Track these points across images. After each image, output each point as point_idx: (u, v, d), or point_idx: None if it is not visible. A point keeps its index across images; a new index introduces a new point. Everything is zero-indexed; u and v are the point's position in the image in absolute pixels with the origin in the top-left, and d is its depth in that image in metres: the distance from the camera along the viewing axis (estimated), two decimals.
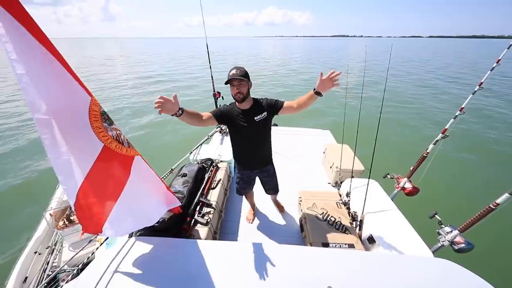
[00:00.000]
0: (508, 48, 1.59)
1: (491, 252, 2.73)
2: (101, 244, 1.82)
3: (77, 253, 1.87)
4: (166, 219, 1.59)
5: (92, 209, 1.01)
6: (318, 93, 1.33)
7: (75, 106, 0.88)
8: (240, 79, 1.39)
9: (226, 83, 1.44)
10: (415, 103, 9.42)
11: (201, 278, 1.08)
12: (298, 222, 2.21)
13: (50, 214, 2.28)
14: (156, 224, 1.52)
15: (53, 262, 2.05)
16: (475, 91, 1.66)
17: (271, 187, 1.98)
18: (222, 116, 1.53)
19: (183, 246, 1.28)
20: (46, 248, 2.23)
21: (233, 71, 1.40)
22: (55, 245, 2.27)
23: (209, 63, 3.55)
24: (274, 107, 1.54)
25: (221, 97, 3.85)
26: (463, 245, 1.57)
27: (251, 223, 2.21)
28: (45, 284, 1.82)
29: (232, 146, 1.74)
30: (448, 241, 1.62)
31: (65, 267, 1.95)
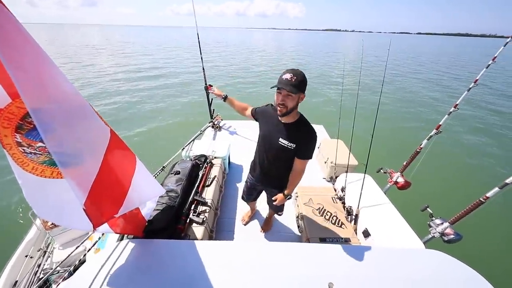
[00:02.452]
0: (504, 46, 1.62)
1: (479, 242, 2.90)
2: (94, 245, 1.74)
3: (71, 253, 1.77)
4: (159, 219, 1.52)
5: (111, 192, 0.98)
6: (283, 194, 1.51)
7: (74, 92, 0.80)
8: (290, 90, 1.10)
9: (276, 87, 1.16)
10: (411, 99, 9.69)
11: (198, 282, 1.05)
12: (293, 217, 2.21)
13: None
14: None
15: (44, 264, 1.97)
16: (470, 88, 1.69)
17: (271, 206, 1.82)
18: (258, 115, 1.50)
19: (178, 247, 1.23)
20: (38, 251, 2.15)
21: (288, 76, 1.10)
22: (47, 247, 2.18)
23: (200, 54, 3.39)
24: (301, 150, 1.31)
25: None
26: (452, 236, 1.64)
27: (245, 224, 2.14)
28: (36, 287, 1.74)
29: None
30: (439, 232, 1.68)
31: (58, 268, 1.87)
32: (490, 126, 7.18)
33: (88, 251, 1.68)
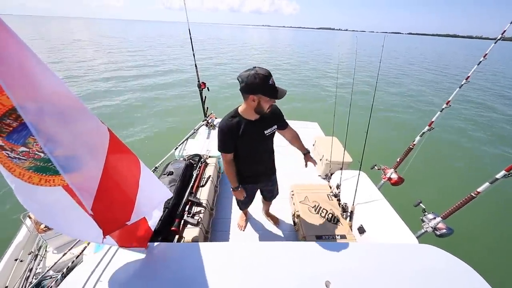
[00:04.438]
0: (495, 43, 1.65)
1: (470, 235, 2.97)
2: (84, 249, 1.69)
3: (62, 256, 1.73)
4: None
5: (119, 197, 0.90)
6: (305, 154, 1.68)
7: (66, 91, 0.73)
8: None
9: (275, 96, 1.20)
10: (404, 96, 9.81)
11: (194, 285, 1.02)
12: (289, 215, 2.21)
13: (29, 217, 2.08)
14: None
15: (36, 269, 1.89)
16: (462, 85, 1.71)
17: (273, 195, 1.87)
18: (232, 143, 1.37)
19: (173, 250, 1.20)
20: (29, 254, 2.05)
21: (272, 78, 1.17)
22: (38, 250, 2.10)
23: (192, 50, 3.31)
24: (281, 121, 1.49)
25: (206, 88, 3.64)
26: (444, 230, 1.67)
27: (243, 230, 2.08)
28: None
29: (235, 158, 1.49)
30: (431, 227, 1.71)
31: (50, 272, 1.80)
32: (481, 123, 7.37)
33: (83, 253, 1.63)
